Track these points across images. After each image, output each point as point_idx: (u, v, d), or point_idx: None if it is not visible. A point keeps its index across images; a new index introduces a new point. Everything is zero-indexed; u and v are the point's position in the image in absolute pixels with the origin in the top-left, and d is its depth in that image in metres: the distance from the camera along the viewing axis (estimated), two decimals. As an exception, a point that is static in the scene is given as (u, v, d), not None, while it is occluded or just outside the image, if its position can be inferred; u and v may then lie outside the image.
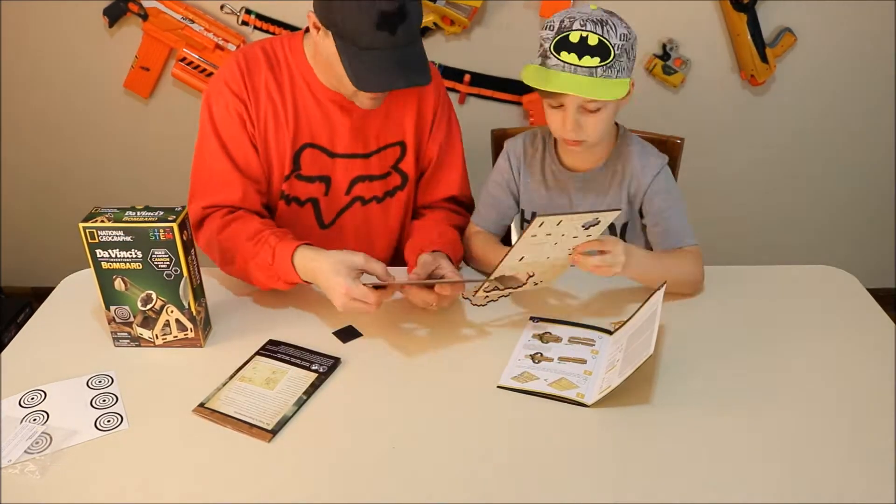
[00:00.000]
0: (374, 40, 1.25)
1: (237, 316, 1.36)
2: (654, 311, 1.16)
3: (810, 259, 1.49)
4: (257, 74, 1.40)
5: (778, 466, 1.02)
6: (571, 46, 1.29)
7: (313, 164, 1.46)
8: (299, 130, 1.43)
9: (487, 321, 1.34)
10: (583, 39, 1.28)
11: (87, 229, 1.18)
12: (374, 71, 1.28)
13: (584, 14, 1.30)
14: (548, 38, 1.32)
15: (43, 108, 2.43)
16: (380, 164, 1.50)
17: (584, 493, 0.99)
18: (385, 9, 1.23)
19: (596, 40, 1.28)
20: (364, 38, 1.25)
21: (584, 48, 1.28)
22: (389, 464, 1.04)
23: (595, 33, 1.28)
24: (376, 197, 1.54)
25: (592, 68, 1.29)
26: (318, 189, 1.49)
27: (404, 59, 1.29)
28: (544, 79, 1.31)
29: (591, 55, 1.28)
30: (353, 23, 1.25)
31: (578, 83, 1.29)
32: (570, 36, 1.29)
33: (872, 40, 2.24)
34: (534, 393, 1.15)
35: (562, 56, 1.30)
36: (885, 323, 1.32)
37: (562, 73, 1.30)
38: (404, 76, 1.30)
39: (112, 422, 1.12)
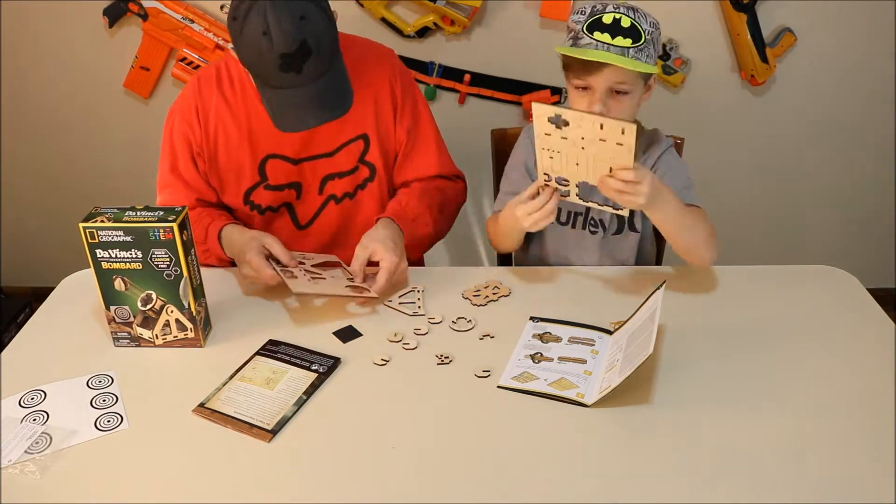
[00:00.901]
0: (281, 80, 1.28)
1: (237, 316, 1.36)
2: (654, 310, 1.16)
3: (810, 259, 1.49)
4: (208, 97, 1.46)
5: (778, 466, 1.02)
6: (605, 27, 1.32)
7: (279, 173, 1.49)
8: (258, 143, 1.46)
9: (487, 321, 1.34)
10: (616, 21, 1.32)
11: (87, 229, 1.18)
12: (288, 110, 1.31)
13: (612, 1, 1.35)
14: (580, 21, 1.35)
15: (43, 108, 2.43)
16: (346, 160, 1.52)
17: (584, 493, 0.99)
18: (284, 50, 1.24)
19: (629, 23, 1.32)
20: (272, 79, 1.29)
21: (616, 29, 1.32)
22: (389, 464, 1.04)
23: (628, 16, 1.32)
24: (348, 193, 1.55)
25: (625, 48, 1.32)
26: (289, 195, 1.53)
27: (316, 93, 1.31)
28: (580, 52, 1.33)
29: (624, 36, 1.32)
30: (257, 66, 1.29)
31: (611, 57, 1.31)
32: (604, 17, 1.32)
33: (872, 40, 2.24)
34: (534, 393, 1.15)
35: (595, 35, 1.32)
36: (885, 323, 1.32)
37: (594, 50, 1.32)
38: (315, 113, 1.32)
39: (112, 422, 1.12)
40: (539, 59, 2.25)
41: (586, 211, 1.55)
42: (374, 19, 2.21)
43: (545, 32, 2.23)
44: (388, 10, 2.20)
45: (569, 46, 1.36)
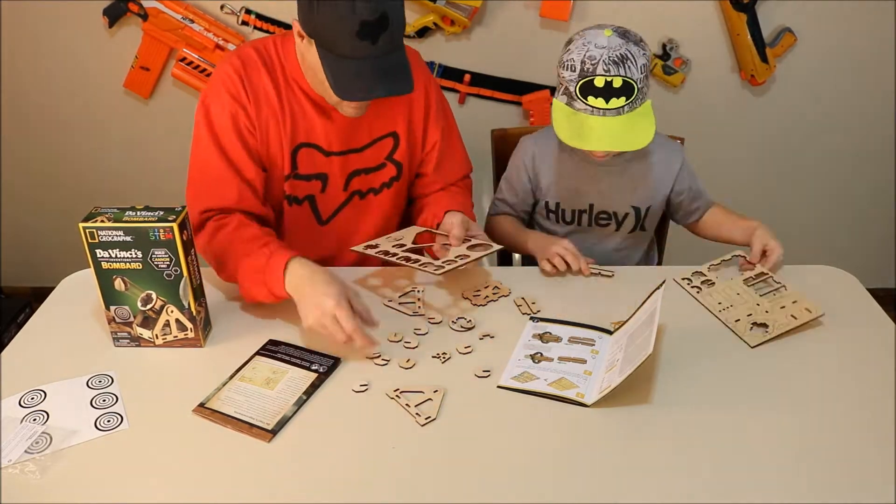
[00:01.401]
0: (354, 49, 1.25)
1: (237, 316, 1.36)
2: (654, 310, 1.16)
3: (810, 259, 1.49)
4: (256, 76, 1.40)
5: (778, 466, 1.02)
6: (597, 91, 1.35)
7: (309, 162, 1.47)
8: (295, 130, 1.43)
9: (487, 321, 1.34)
10: (608, 83, 1.34)
11: (87, 229, 1.18)
12: (355, 79, 1.28)
13: (601, 50, 1.33)
14: (571, 81, 1.36)
15: (43, 108, 2.43)
16: (374, 156, 1.51)
17: (584, 493, 0.99)
18: (366, 18, 1.22)
19: (620, 82, 1.34)
20: (345, 47, 1.25)
21: (609, 91, 1.34)
22: (389, 464, 1.04)
23: (618, 76, 1.33)
24: (373, 189, 1.55)
25: (619, 108, 1.35)
26: (314, 187, 1.50)
27: (386, 67, 1.29)
28: (577, 133, 1.37)
29: (617, 96, 1.34)
30: (333, 32, 1.25)
31: (610, 132, 1.36)
32: (595, 81, 1.34)
33: (872, 40, 2.24)
34: (534, 393, 1.15)
35: (589, 101, 1.36)
36: (885, 323, 1.32)
37: (591, 117, 1.36)
38: (385, 85, 1.29)
39: (112, 422, 1.12)
40: (539, 59, 2.25)
41: (590, 207, 1.57)
42: (374, 19, 2.22)
43: (545, 32, 2.23)
44: (388, 10, 2.20)
45: (564, 105, 1.40)
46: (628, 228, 1.59)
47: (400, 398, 1.15)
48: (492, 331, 1.31)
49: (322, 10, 1.24)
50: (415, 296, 1.41)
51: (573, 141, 1.37)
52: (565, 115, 1.39)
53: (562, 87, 1.40)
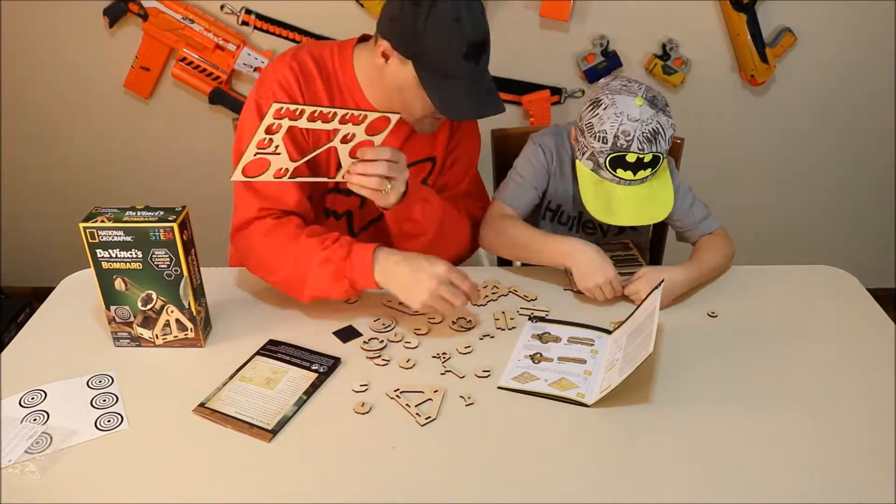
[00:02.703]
0: (459, 69, 1.28)
1: (237, 316, 1.36)
2: (653, 309, 1.16)
3: (810, 259, 1.50)
4: (314, 85, 1.38)
5: (778, 466, 1.02)
6: (627, 165, 1.36)
7: None
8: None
9: (486, 321, 1.34)
10: (639, 160, 1.35)
11: (87, 229, 1.18)
12: (461, 100, 1.31)
13: (634, 123, 1.33)
14: (602, 152, 1.37)
15: (43, 108, 2.43)
16: (412, 178, 1.47)
17: (585, 493, 0.99)
18: (474, 39, 1.27)
19: (650, 157, 1.36)
20: (451, 67, 1.28)
21: (639, 165, 1.36)
22: (389, 464, 1.04)
23: (651, 152, 1.35)
24: None
25: (645, 177, 1.38)
26: (354, 202, 1.49)
27: (484, 87, 1.34)
28: (606, 205, 1.39)
29: (645, 168, 1.37)
30: (441, 53, 1.27)
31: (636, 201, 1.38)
32: (628, 157, 1.35)
33: (872, 40, 2.24)
34: (534, 393, 1.15)
35: (618, 173, 1.38)
36: (885, 323, 1.32)
37: (617, 186, 1.39)
38: (490, 105, 1.33)
39: (112, 422, 1.12)
40: (539, 59, 2.25)
41: (579, 215, 1.57)
42: (374, 19, 2.21)
43: (545, 32, 2.23)
44: (388, 10, 2.20)
45: (590, 171, 1.41)
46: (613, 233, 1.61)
47: (400, 398, 1.15)
48: (491, 331, 1.31)
49: (431, 32, 1.25)
50: None
51: (603, 216, 1.39)
52: (592, 183, 1.40)
53: (587, 152, 1.39)
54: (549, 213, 1.60)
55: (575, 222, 1.60)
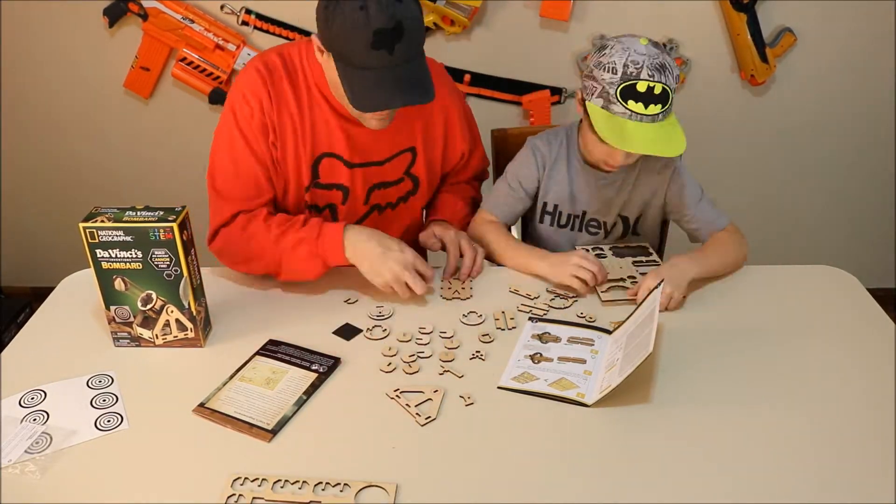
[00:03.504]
0: (369, 60, 1.24)
1: (237, 316, 1.36)
2: (652, 309, 1.16)
3: (810, 259, 1.50)
4: (279, 83, 1.39)
5: (778, 465, 1.02)
6: (638, 95, 1.33)
7: (331, 172, 1.47)
8: (317, 140, 1.43)
9: (486, 321, 1.34)
10: (649, 89, 1.33)
11: (87, 229, 1.18)
12: (372, 90, 1.27)
13: (642, 56, 1.33)
14: (612, 83, 1.35)
15: (43, 108, 2.43)
16: (393, 171, 1.51)
17: (585, 493, 0.98)
18: (380, 26, 1.22)
19: (660, 89, 1.33)
20: (360, 57, 1.25)
21: (649, 97, 1.33)
22: (389, 464, 1.04)
23: (660, 83, 1.33)
24: (391, 203, 1.56)
25: (655, 115, 1.34)
26: (335, 196, 1.50)
27: (404, 77, 1.28)
28: (619, 135, 1.35)
29: (655, 103, 1.33)
30: (348, 43, 1.24)
31: (649, 138, 1.34)
32: (638, 85, 1.33)
33: (872, 40, 2.24)
34: (534, 393, 1.15)
35: (629, 105, 1.34)
36: (885, 323, 1.32)
37: (629, 121, 1.35)
38: (401, 95, 1.28)
39: (112, 422, 1.12)
40: (539, 59, 2.25)
41: (583, 214, 1.57)
42: (374, 19, 2.22)
43: (545, 32, 2.23)
44: (388, 10, 2.20)
45: (600, 108, 1.37)
46: (617, 235, 1.60)
47: (400, 398, 1.15)
48: (490, 331, 1.31)
49: (336, 22, 1.24)
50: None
51: (617, 142, 1.35)
52: (603, 117, 1.37)
53: (597, 89, 1.37)
54: (547, 217, 1.60)
55: (577, 222, 1.59)
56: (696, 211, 1.51)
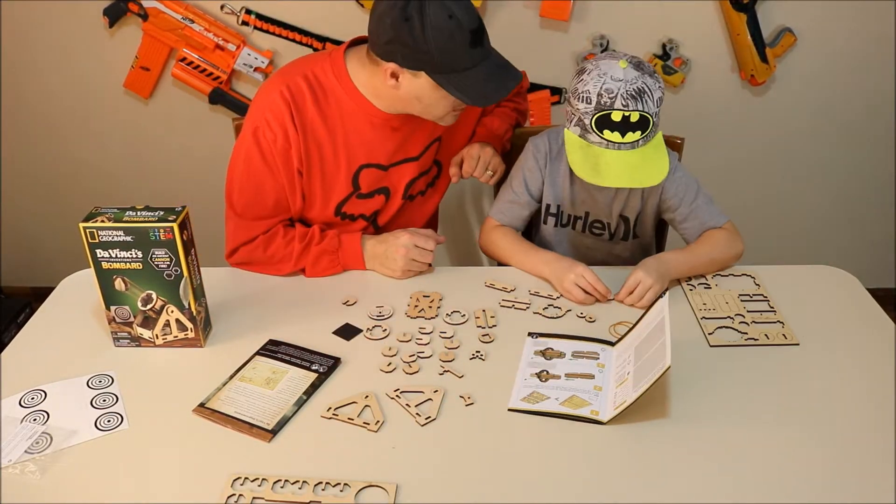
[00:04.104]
0: (472, 59, 1.32)
1: (237, 316, 1.36)
2: (662, 319, 1.13)
3: (810, 259, 1.50)
4: (305, 109, 1.40)
5: (778, 465, 1.02)
6: (614, 125, 1.33)
7: (371, 181, 1.50)
8: (353, 154, 1.46)
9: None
10: (625, 118, 1.32)
11: (87, 229, 1.18)
12: (483, 86, 1.34)
13: (619, 83, 1.32)
14: (587, 113, 1.34)
15: (43, 108, 2.43)
16: (427, 161, 1.57)
17: (585, 494, 0.98)
18: (473, 27, 1.30)
19: (637, 117, 1.32)
20: (463, 60, 1.31)
21: (626, 125, 1.33)
22: (389, 464, 1.04)
23: (636, 110, 1.32)
24: (421, 191, 1.62)
25: (634, 142, 1.34)
26: (378, 201, 1.55)
27: (498, 63, 1.37)
28: (594, 167, 1.35)
29: (633, 130, 1.33)
30: (450, 52, 1.29)
31: (626, 166, 1.34)
32: (613, 115, 1.33)
33: (872, 40, 2.24)
34: (547, 414, 1.12)
35: (605, 135, 1.34)
36: (885, 323, 1.32)
37: (606, 150, 1.35)
38: (507, 79, 1.38)
39: (112, 422, 1.12)
40: (539, 59, 2.25)
41: (586, 215, 1.56)
42: (374, 19, 2.21)
43: (545, 32, 2.23)
44: (388, 10, 2.20)
45: (577, 137, 1.38)
46: (619, 236, 1.59)
47: (400, 398, 1.15)
48: (491, 332, 1.31)
49: (433, 39, 1.27)
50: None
51: (589, 177, 1.35)
52: (579, 146, 1.37)
53: (574, 118, 1.37)
54: (550, 218, 1.59)
55: (581, 223, 1.58)
56: (690, 209, 1.49)
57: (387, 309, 1.37)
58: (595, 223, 1.58)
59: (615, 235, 1.59)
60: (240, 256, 1.49)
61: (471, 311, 1.36)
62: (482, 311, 1.36)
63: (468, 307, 1.37)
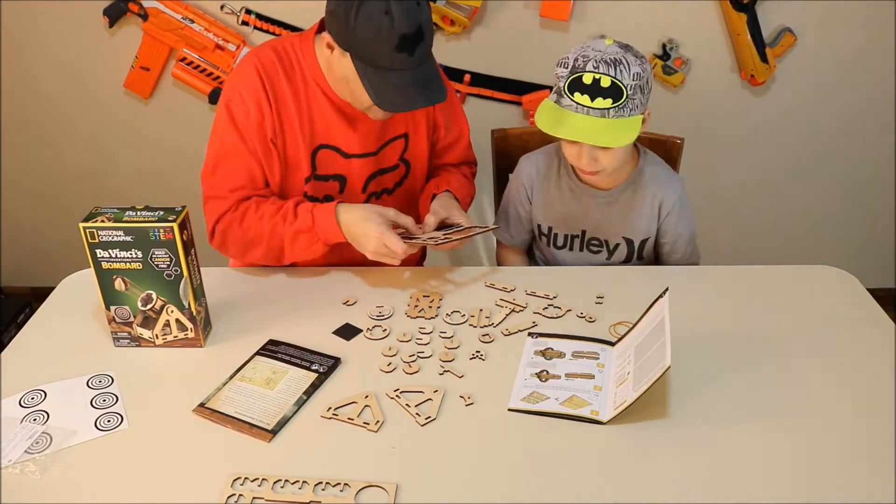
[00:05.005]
0: (393, 62, 1.30)
1: (237, 316, 1.36)
2: (662, 319, 1.13)
3: (810, 259, 1.50)
4: (276, 81, 1.41)
5: (779, 464, 1.02)
6: (584, 88, 1.31)
7: (328, 163, 1.49)
8: (315, 132, 1.46)
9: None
10: (595, 81, 1.31)
11: (87, 229, 1.18)
12: (396, 91, 1.32)
13: (598, 52, 1.32)
14: (562, 77, 1.34)
15: (43, 107, 2.43)
16: (389, 158, 1.54)
17: (585, 494, 0.98)
18: (405, 31, 1.27)
19: (608, 82, 1.30)
20: (385, 60, 1.30)
21: (596, 90, 1.31)
22: (389, 464, 1.04)
23: (608, 75, 1.30)
24: (386, 189, 1.58)
25: (605, 109, 1.31)
26: (332, 187, 1.52)
27: (422, 77, 1.34)
28: (557, 122, 1.33)
29: (604, 97, 1.31)
30: (373, 46, 1.28)
31: (589, 128, 1.31)
32: (584, 77, 1.31)
33: (872, 40, 2.24)
34: (547, 414, 1.12)
35: (575, 97, 1.32)
36: (885, 323, 1.32)
37: (575, 114, 1.33)
38: (425, 96, 1.35)
39: (112, 422, 1.12)
40: (539, 59, 2.25)
41: (582, 233, 1.55)
42: (374, 19, 2.22)
43: (545, 32, 2.23)
44: (388, 10, 2.20)
45: (552, 102, 1.37)
46: (620, 258, 1.56)
47: (400, 398, 1.15)
48: (491, 332, 1.31)
49: (360, 25, 1.27)
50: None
51: (549, 128, 1.33)
52: (549, 109, 1.37)
53: (554, 87, 1.38)
54: (543, 237, 1.58)
55: (577, 242, 1.56)
56: (679, 246, 1.53)
57: (387, 309, 1.37)
58: (592, 241, 1.56)
59: (614, 255, 1.56)
60: (218, 235, 1.46)
61: (470, 311, 1.36)
62: (478, 310, 1.36)
63: (468, 307, 1.37)
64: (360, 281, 1.47)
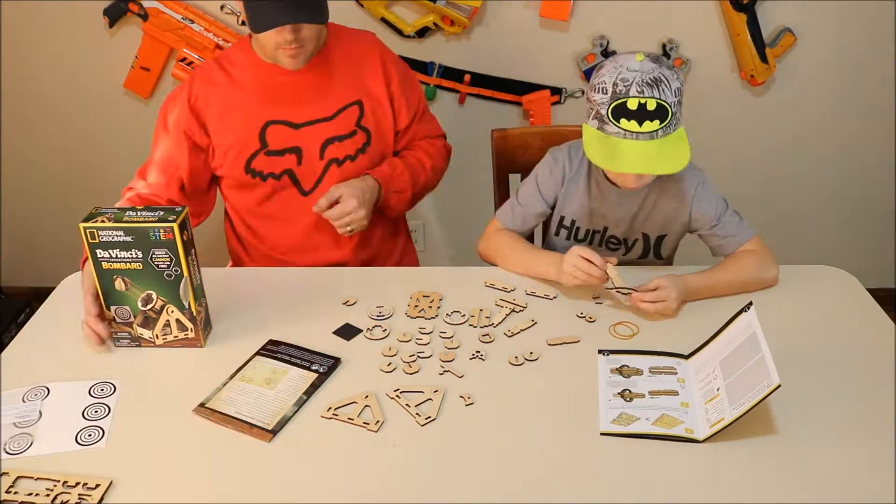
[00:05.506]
0: None
1: (237, 316, 1.36)
2: (753, 334, 1.10)
3: (810, 259, 1.49)
4: (208, 75, 1.55)
5: (778, 464, 1.02)
6: (630, 113, 1.29)
7: (279, 138, 1.55)
8: (260, 111, 1.54)
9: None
10: (641, 106, 1.28)
11: (87, 229, 1.18)
12: (267, 12, 1.39)
13: (634, 73, 1.29)
14: (603, 103, 1.31)
15: (43, 108, 2.43)
16: (345, 124, 1.59)
17: (585, 494, 0.99)
18: None
19: (654, 105, 1.28)
20: None
21: (643, 114, 1.29)
22: (389, 464, 1.04)
23: (653, 97, 1.28)
24: (349, 156, 1.60)
25: (653, 132, 1.30)
26: (289, 160, 1.57)
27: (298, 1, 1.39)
28: (610, 154, 1.31)
29: (651, 119, 1.29)
30: None
31: (643, 156, 1.30)
32: (628, 103, 1.29)
33: (872, 40, 2.24)
34: (640, 435, 1.08)
35: (622, 124, 1.30)
36: (885, 323, 1.32)
37: (623, 140, 1.30)
38: (291, 14, 1.40)
39: (92, 436, 1.10)
40: (539, 59, 2.25)
41: (604, 230, 1.54)
42: (374, 19, 2.21)
43: (545, 32, 2.23)
44: (388, 10, 2.20)
45: (595, 129, 1.34)
46: (637, 254, 1.55)
47: (400, 398, 1.15)
48: (491, 332, 1.31)
49: None
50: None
51: (605, 163, 1.32)
52: (597, 138, 1.33)
53: (592, 112, 1.35)
54: (563, 230, 1.56)
55: (598, 237, 1.55)
56: (720, 226, 1.48)
57: (387, 309, 1.37)
58: (611, 238, 1.54)
59: (631, 251, 1.55)
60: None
61: (470, 311, 1.36)
62: (478, 310, 1.36)
63: (468, 307, 1.37)
64: (360, 281, 1.47)
